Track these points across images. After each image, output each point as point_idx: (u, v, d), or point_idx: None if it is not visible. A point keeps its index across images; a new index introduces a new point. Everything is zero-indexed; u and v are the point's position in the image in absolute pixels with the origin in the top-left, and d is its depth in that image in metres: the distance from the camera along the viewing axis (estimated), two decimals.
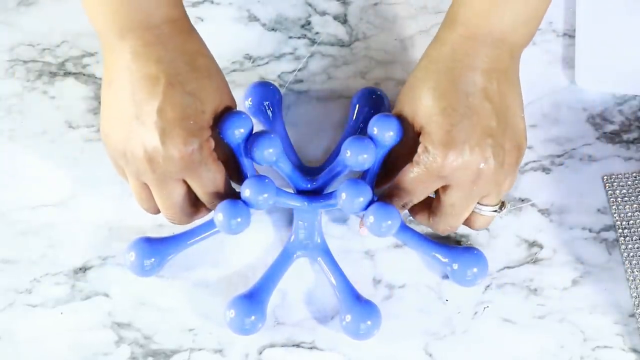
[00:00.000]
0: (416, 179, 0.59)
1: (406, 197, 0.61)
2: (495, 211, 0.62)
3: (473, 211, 0.62)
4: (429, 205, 0.63)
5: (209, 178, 0.59)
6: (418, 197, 0.61)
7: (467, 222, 0.63)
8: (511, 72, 0.61)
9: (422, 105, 0.59)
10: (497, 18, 0.59)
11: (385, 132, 0.61)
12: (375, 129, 0.62)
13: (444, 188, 0.60)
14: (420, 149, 0.59)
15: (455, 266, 0.64)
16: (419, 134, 0.60)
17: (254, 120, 0.67)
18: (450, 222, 0.62)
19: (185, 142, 0.57)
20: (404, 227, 0.65)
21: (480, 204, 0.61)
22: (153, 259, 0.64)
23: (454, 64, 0.59)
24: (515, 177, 0.61)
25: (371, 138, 0.62)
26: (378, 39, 0.72)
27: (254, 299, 0.62)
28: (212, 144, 0.59)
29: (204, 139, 0.58)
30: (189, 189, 0.60)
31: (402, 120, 0.61)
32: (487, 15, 0.59)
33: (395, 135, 0.62)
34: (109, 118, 0.59)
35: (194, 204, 0.62)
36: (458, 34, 0.60)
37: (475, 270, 0.64)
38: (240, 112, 0.64)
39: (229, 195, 0.61)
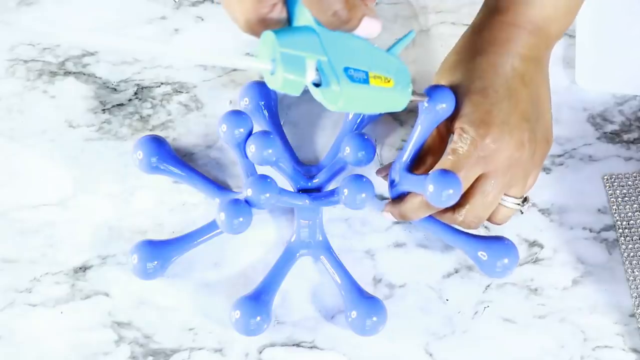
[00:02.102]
0: (455, 166, 0.58)
1: None
2: (518, 204, 0.62)
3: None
4: None
5: None
6: None
7: (489, 216, 0.62)
8: (544, 62, 0.61)
9: (461, 85, 0.59)
10: (540, 6, 0.60)
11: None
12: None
13: (479, 177, 0.59)
14: (455, 135, 0.59)
15: (485, 256, 0.63)
16: (448, 125, 0.59)
17: None
18: (478, 213, 0.61)
19: None
20: (431, 217, 0.64)
21: (506, 195, 0.61)
22: (156, 262, 0.64)
23: (494, 48, 0.59)
24: (539, 174, 0.61)
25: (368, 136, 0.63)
26: (378, 39, 0.72)
27: (259, 300, 0.62)
28: None
29: None
30: None
31: None
32: (529, 2, 0.60)
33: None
34: None
35: None
36: (499, 20, 0.60)
37: (505, 261, 0.63)
38: (240, 112, 0.64)
39: None
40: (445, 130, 0.62)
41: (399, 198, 0.62)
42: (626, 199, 0.67)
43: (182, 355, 0.64)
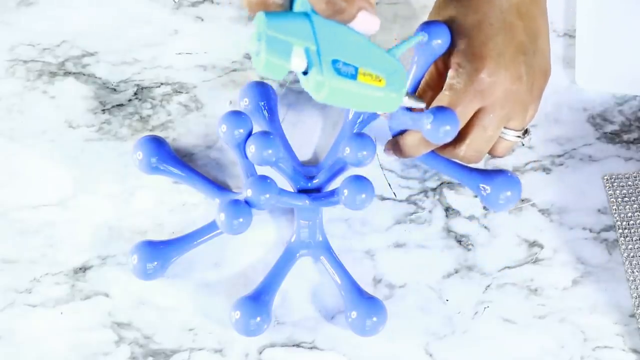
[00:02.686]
0: (453, 102, 0.58)
1: None
2: (519, 137, 0.61)
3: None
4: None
5: None
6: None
7: (491, 149, 0.62)
8: None
9: (456, 20, 0.58)
10: None
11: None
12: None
13: (477, 111, 0.59)
14: (452, 71, 0.58)
15: (488, 189, 0.63)
16: (445, 61, 0.59)
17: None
18: (478, 147, 0.60)
19: None
20: (434, 153, 0.64)
21: (506, 128, 0.61)
22: (156, 263, 0.64)
23: None
24: (539, 106, 0.61)
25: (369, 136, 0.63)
26: (378, 39, 0.72)
27: (259, 300, 0.62)
28: None
29: None
30: None
31: None
32: None
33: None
34: None
35: None
36: None
37: (508, 193, 0.63)
38: (240, 112, 0.64)
39: None
40: (443, 65, 0.61)
41: (399, 135, 0.62)
42: (626, 199, 0.67)
43: (182, 355, 0.64)
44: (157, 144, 0.66)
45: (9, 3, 0.73)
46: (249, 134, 0.63)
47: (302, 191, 0.66)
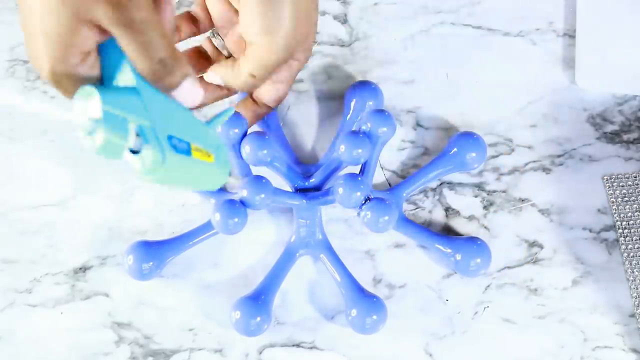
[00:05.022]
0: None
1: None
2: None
3: None
4: None
5: None
6: None
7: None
8: None
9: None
10: None
11: (379, 128, 0.63)
12: (369, 124, 0.63)
13: None
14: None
15: (459, 257, 0.64)
16: None
17: None
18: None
19: None
20: (405, 220, 0.65)
21: None
22: (151, 263, 0.64)
23: None
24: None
25: (365, 134, 0.63)
26: (378, 39, 0.72)
27: (259, 300, 0.62)
28: None
29: None
30: None
31: None
32: None
33: (389, 130, 0.63)
34: None
35: None
36: None
37: (478, 260, 0.64)
38: (235, 113, 0.64)
39: None
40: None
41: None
42: (626, 199, 0.67)
43: (182, 355, 0.64)
44: None
45: (9, 3, 0.73)
46: (244, 134, 0.64)
47: (300, 190, 0.66)
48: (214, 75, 0.57)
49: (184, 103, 0.48)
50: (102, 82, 0.47)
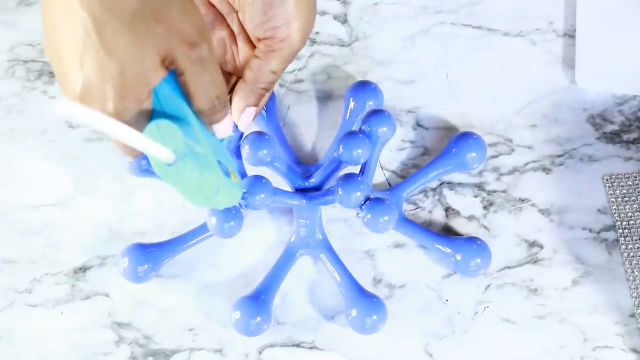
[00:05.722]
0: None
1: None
2: None
3: None
4: None
5: None
6: None
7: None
8: None
9: None
10: None
11: (379, 128, 0.63)
12: (369, 124, 0.63)
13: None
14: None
15: (459, 257, 0.64)
16: None
17: None
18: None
19: None
20: (405, 221, 0.65)
21: None
22: (147, 265, 0.64)
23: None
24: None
25: (365, 134, 0.63)
26: (378, 39, 0.72)
27: (259, 300, 0.62)
28: None
29: None
30: None
31: None
32: None
33: (389, 130, 0.63)
34: None
35: None
36: None
37: (478, 260, 0.64)
38: None
39: None
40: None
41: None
42: (626, 199, 0.67)
43: (182, 355, 0.64)
44: None
45: (9, 3, 0.73)
46: (242, 134, 0.64)
47: (300, 190, 0.66)
48: (244, 105, 0.56)
49: (217, 134, 0.51)
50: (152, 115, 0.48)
